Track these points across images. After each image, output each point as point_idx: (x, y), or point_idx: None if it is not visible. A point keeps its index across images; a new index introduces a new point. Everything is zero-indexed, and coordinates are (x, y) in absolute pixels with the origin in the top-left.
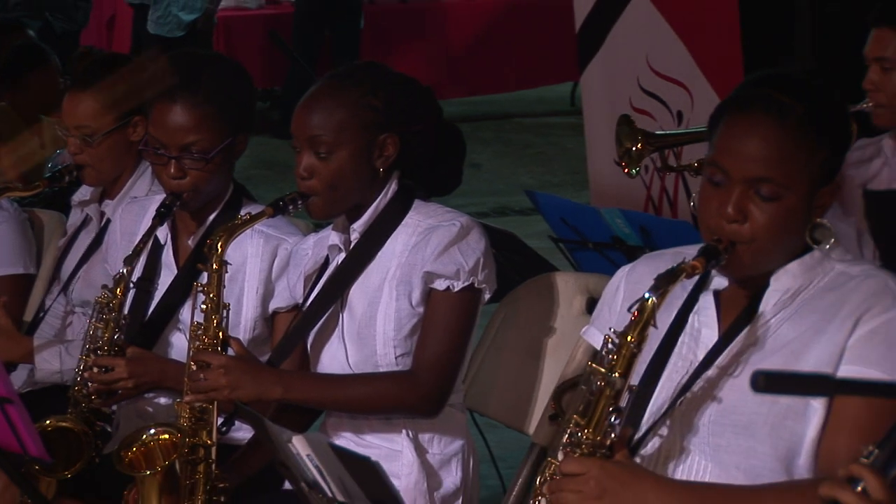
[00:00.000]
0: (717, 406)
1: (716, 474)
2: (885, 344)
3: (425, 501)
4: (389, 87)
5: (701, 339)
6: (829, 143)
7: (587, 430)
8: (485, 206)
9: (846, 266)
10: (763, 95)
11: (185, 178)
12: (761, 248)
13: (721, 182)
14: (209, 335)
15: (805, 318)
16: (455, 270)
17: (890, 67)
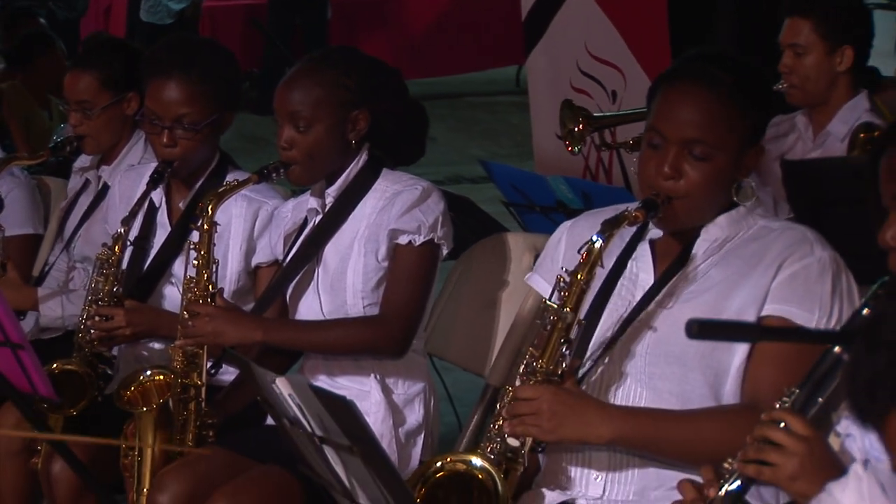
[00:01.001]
0: (652, 338)
1: (651, 399)
2: (804, 286)
3: (391, 437)
4: (361, 69)
5: (638, 281)
6: (754, 109)
7: (541, 360)
8: (440, 174)
9: (768, 221)
10: (696, 68)
11: (175, 147)
12: (694, 202)
13: (659, 144)
14: (200, 287)
15: (732, 263)
16: (417, 227)
17: (802, 52)
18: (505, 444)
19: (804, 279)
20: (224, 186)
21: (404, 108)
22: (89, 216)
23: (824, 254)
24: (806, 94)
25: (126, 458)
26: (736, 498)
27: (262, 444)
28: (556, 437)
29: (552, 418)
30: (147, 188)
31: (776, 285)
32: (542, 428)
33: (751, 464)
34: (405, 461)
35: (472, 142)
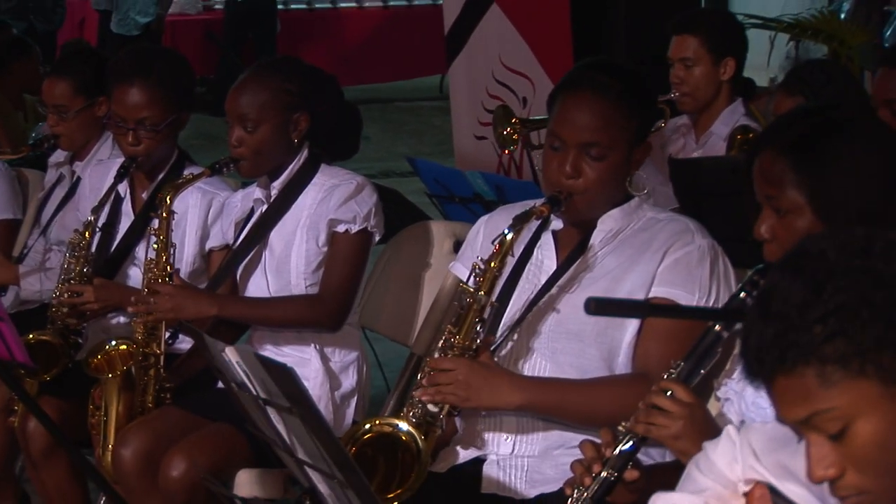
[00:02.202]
0: (555, 318)
1: (553, 371)
2: (686, 270)
3: (328, 399)
4: (302, 75)
5: (543, 267)
6: (640, 112)
7: (458, 337)
8: (373, 169)
9: (655, 213)
10: (588, 77)
11: (139, 146)
12: (592, 197)
13: (559, 147)
14: (159, 268)
15: (624, 252)
16: (353, 217)
17: (691, 65)
18: (426, 409)
19: (686, 264)
20: (181, 179)
21: (340, 111)
22: (63, 205)
23: (704, 242)
24: (696, 101)
25: (93, 417)
26: (629, 456)
27: (214, 405)
28: (471, 404)
29: (468, 388)
30: (114, 181)
31: (662, 270)
32: (459, 396)
33: (641, 425)
34: (340, 420)
35: (400, 141)
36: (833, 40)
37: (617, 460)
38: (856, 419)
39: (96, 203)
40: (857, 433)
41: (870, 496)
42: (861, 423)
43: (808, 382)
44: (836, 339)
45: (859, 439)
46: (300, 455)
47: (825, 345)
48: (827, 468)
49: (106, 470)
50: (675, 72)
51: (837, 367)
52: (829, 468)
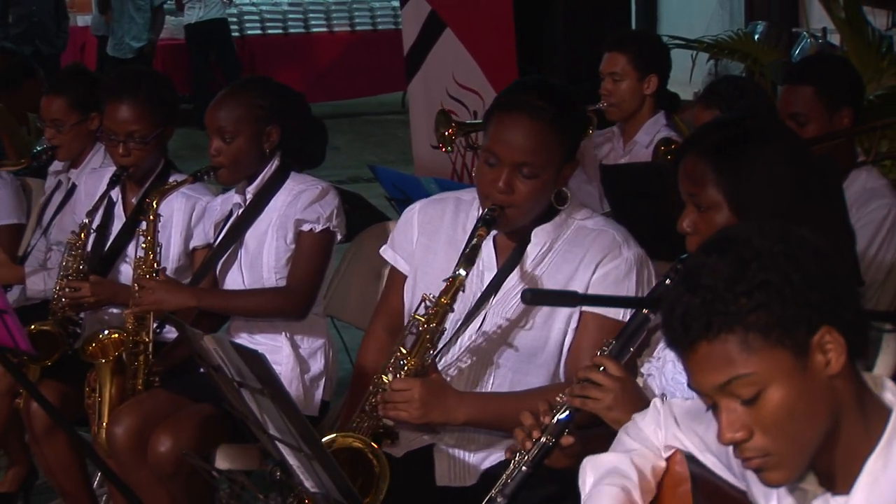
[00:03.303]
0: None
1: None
2: (615, 283)
3: (299, 382)
4: (273, 93)
5: (484, 279)
6: (570, 134)
7: (410, 359)
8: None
9: (583, 221)
10: (523, 101)
11: (129, 156)
12: (523, 210)
13: (494, 164)
14: (147, 265)
15: (560, 269)
16: (317, 217)
17: (619, 79)
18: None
19: (615, 277)
20: (166, 186)
21: (308, 124)
22: (61, 209)
23: (630, 254)
24: (622, 111)
25: (89, 399)
26: (565, 425)
27: (197, 387)
28: (423, 420)
29: (421, 406)
30: (107, 188)
31: (593, 283)
32: (412, 414)
33: (577, 398)
34: (310, 400)
35: (366, 150)
36: (748, 59)
37: (554, 427)
38: (769, 385)
39: (91, 207)
40: (768, 399)
41: (772, 458)
42: (773, 389)
43: (729, 349)
44: (759, 310)
45: (770, 404)
46: (271, 431)
47: (749, 315)
48: (737, 431)
49: (100, 445)
50: (605, 85)
51: (759, 336)
52: (738, 431)
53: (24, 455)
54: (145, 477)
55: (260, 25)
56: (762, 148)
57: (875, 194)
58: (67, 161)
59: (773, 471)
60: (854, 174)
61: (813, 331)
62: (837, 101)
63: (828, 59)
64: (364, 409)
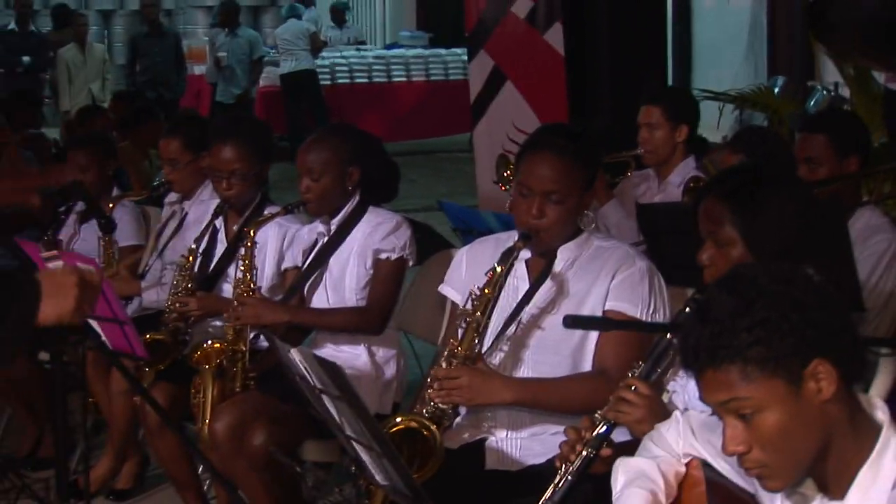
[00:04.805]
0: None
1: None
2: (630, 288)
3: (374, 385)
4: (354, 138)
5: (519, 290)
6: (588, 166)
7: (460, 349)
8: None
9: (601, 241)
10: (547, 140)
11: (231, 190)
12: (554, 232)
13: (527, 194)
14: (245, 285)
15: (584, 277)
16: (392, 247)
17: (653, 129)
18: (437, 406)
19: (630, 283)
20: (262, 217)
21: (384, 165)
22: (175, 235)
23: (643, 264)
24: (657, 157)
25: (194, 399)
26: (604, 437)
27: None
28: (473, 402)
29: (471, 390)
30: (212, 217)
31: (612, 288)
32: (465, 397)
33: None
34: (384, 401)
35: (439, 183)
36: (768, 109)
37: (595, 441)
38: (765, 409)
39: (198, 234)
40: (765, 420)
41: (769, 469)
42: (769, 412)
43: (731, 377)
44: (758, 345)
45: (766, 425)
46: (347, 431)
47: (749, 348)
48: (738, 445)
49: (203, 440)
50: (642, 133)
51: (756, 367)
52: (739, 445)
53: (138, 450)
54: (242, 467)
55: (349, 76)
56: (773, 192)
57: (877, 230)
58: (181, 194)
59: (770, 480)
60: (859, 212)
61: (806, 363)
62: (847, 149)
63: (840, 112)
64: (423, 398)
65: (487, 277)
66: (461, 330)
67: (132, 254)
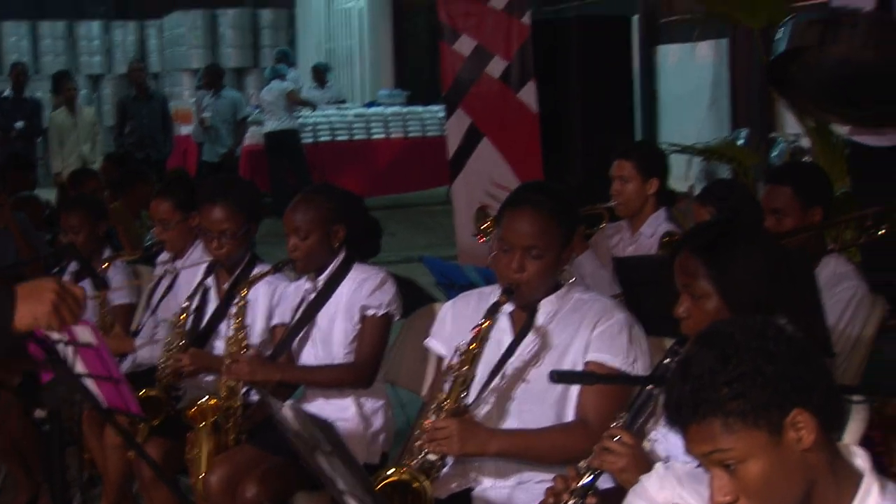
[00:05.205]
0: (524, 386)
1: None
2: (610, 339)
3: (363, 435)
4: (338, 198)
5: (502, 343)
6: (566, 223)
7: (448, 401)
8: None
9: (581, 294)
10: (527, 197)
11: (222, 249)
12: (534, 286)
13: (508, 249)
14: (238, 342)
15: (565, 330)
16: (378, 304)
17: (626, 182)
18: (426, 457)
19: (610, 335)
20: (253, 276)
21: (366, 222)
22: (167, 293)
23: (621, 315)
24: (629, 209)
25: (189, 454)
26: (589, 487)
27: (278, 442)
28: (461, 453)
29: (458, 441)
30: (203, 276)
31: (593, 339)
32: (452, 448)
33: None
34: (373, 451)
35: (418, 236)
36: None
37: (580, 490)
38: (748, 459)
39: (190, 292)
40: (748, 470)
41: None
42: (752, 462)
43: (714, 429)
44: (738, 398)
45: (750, 475)
46: (340, 486)
47: (729, 402)
48: (725, 495)
49: (198, 493)
50: (614, 186)
51: (737, 419)
52: (726, 495)
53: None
54: None
55: (330, 133)
56: (744, 246)
57: (843, 277)
58: (172, 253)
59: None
60: (825, 260)
61: (785, 413)
62: (811, 200)
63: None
64: (411, 449)
65: (473, 333)
66: (448, 383)
67: (125, 312)
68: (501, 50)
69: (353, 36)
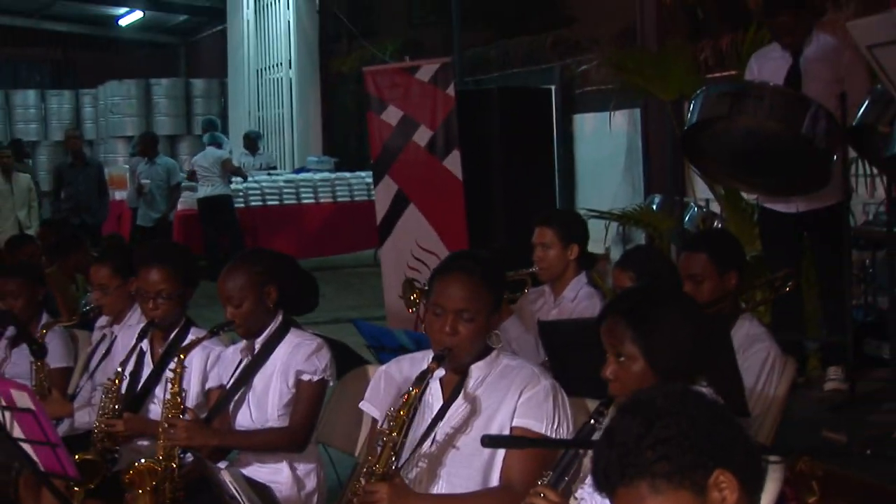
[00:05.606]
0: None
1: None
2: (536, 405)
3: (297, 495)
4: (265, 260)
5: (433, 408)
6: (495, 287)
7: (377, 465)
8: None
9: (508, 360)
10: (458, 264)
11: (158, 310)
12: (466, 349)
13: (440, 313)
14: (175, 407)
15: (492, 395)
16: (314, 370)
17: (547, 248)
18: None
19: (535, 401)
20: (191, 342)
21: (299, 279)
22: (105, 357)
23: (547, 382)
24: (551, 274)
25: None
26: None
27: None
28: None
29: None
30: (137, 340)
31: (519, 406)
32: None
33: None
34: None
35: (348, 297)
36: (649, 226)
37: None
38: None
39: (124, 357)
40: None
41: None
42: None
43: (641, 492)
44: (662, 461)
45: None
46: None
47: (654, 465)
48: None
49: None
50: (537, 252)
51: (664, 481)
52: None
53: None
54: None
55: (261, 198)
56: (667, 311)
57: (756, 339)
58: (111, 316)
59: None
60: (739, 322)
61: (708, 473)
62: (726, 265)
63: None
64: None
65: (403, 399)
66: (379, 447)
67: (63, 376)
68: (427, 120)
69: (283, 105)
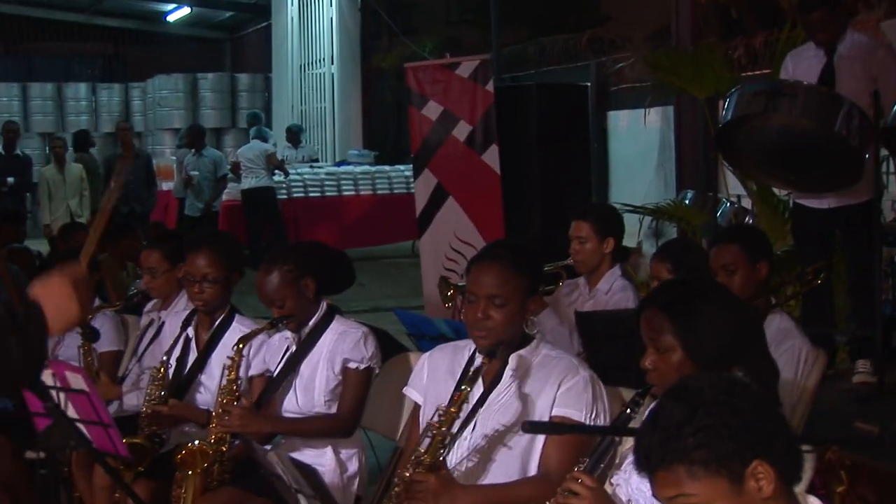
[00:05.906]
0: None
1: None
2: (575, 395)
3: (339, 479)
4: (294, 255)
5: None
6: (526, 274)
7: (426, 456)
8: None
9: (548, 350)
10: (491, 252)
11: (204, 294)
12: (499, 333)
13: (474, 300)
14: (230, 392)
15: (532, 385)
16: (360, 357)
17: (583, 242)
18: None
19: (575, 391)
20: (251, 331)
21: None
22: (153, 341)
23: (586, 374)
24: (586, 266)
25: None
26: None
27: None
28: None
29: (435, 496)
30: (181, 327)
31: (559, 396)
32: (428, 501)
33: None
34: (347, 494)
35: (386, 287)
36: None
37: None
38: None
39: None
40: None
41: None
42: None
43: (679, 476)
44: (701, 448)
45: None
46: None
47: (694, 451)
48: None
49: None
50: (573, 245)
51: (701, 468)
52: None
53: None
54: None
55: (303, 190)
56: (706, 302)
57: (788, 335)
58: (159, 299)
59: None
60: (770, 317)
61: (746, 464)
62: (757, 255)
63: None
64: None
65: (455, 397)
66: (427, 439)
67: (112, 359)
68: (467, 115)
69: (325, 99)
